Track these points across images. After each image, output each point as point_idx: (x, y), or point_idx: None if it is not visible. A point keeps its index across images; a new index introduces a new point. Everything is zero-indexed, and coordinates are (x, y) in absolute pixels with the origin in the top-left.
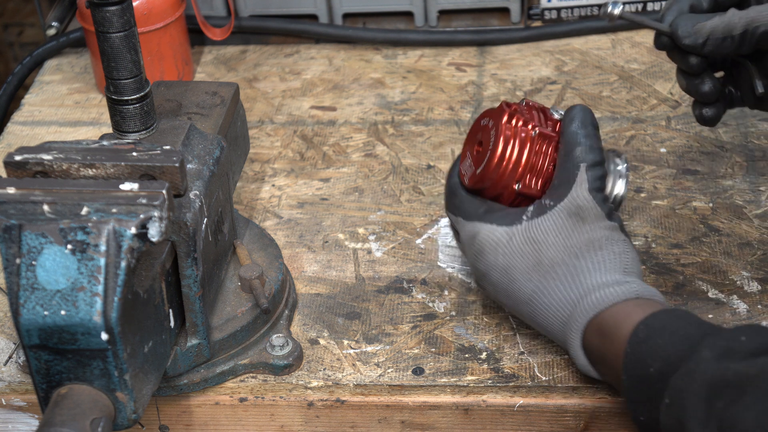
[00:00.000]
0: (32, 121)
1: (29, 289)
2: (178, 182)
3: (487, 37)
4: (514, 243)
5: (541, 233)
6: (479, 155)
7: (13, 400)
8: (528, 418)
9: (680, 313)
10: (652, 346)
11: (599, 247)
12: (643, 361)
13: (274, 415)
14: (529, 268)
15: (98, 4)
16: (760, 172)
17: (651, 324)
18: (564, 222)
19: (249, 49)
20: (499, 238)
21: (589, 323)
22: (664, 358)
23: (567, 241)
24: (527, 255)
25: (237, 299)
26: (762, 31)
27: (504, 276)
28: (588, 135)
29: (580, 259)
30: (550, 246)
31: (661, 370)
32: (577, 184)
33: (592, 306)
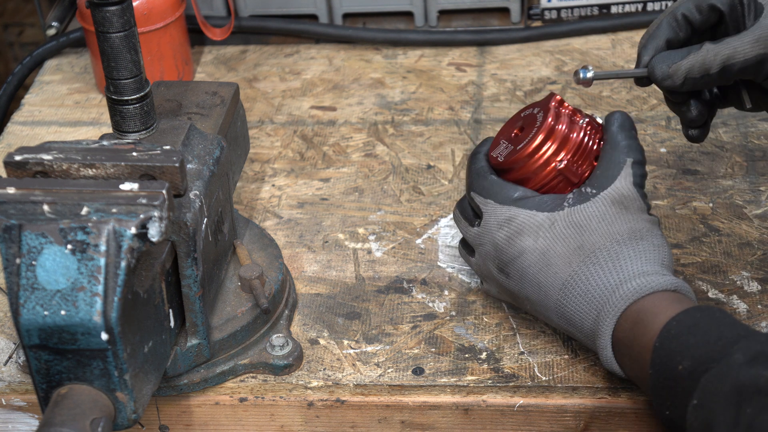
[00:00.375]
0: (32, 121)
1: (29, 289)
2: (178, 182)
3: (487, 37)
4: (557, 228)
5: (584, 218)
6: (518, 138)
7: (13, 400)
8: (528, 418)
9: (714, 312)
10: (682, 343)
11: (641, 237)
12: (672, 358)
13: (274, 415)
14: (570, 252)
15: (98, 4)
16: (760, 172)
17: (683, 320)
18: (608, 209)
19: (249, 49)
20: (540, 222)
21: (626, 310)
22: (695, 356)
23: (610, 227)
24: (569, 239)
25: (237, 299)
26: (739, 67)
27: (540, 259)
28: (632, 137)
29: (622, 246)
30: (593, 231)
31: (691, 368)
32: (622, 176)
33: (631, 292)
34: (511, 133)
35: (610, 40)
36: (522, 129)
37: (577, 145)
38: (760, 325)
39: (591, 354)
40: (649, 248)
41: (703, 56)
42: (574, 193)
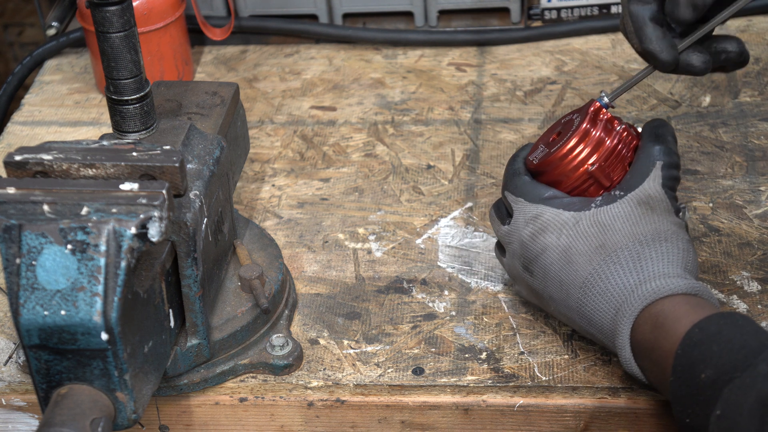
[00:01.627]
0: (32, 121)
1: (29, 289)
2: (178, 182)
3: (487, 37)
4: (581, 226)
5: (608, 218)
6: (554, 142)
7: (13, 400)
8: (528, 418)
9: (737, 319)
10: (705, 352)
11: (665, 239)
12: (694, 366)
13: (274, 415)
14: (591, 250)
15: (98, 4)
16: (760, 172)
17: (706, 328)
18: (633, 209)
19: (249, 49)
20: (565, 220)
21: (644, 311)
22: (718, 366)
23: (634, 228)
24: (591, 237)
25: (237, 299)
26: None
27: (562, 256)
28: (667, 141)
29: (645, 246)
30: (616, 231)
31: (714, 378)
32: (651, 178)
33: (650, 293)
34: (549, 137)
35: (610, 40)
36: (559, 134)
37: (610, 150)
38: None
39: (591, 354)
40: (673, 250)
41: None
42: (603, 196)
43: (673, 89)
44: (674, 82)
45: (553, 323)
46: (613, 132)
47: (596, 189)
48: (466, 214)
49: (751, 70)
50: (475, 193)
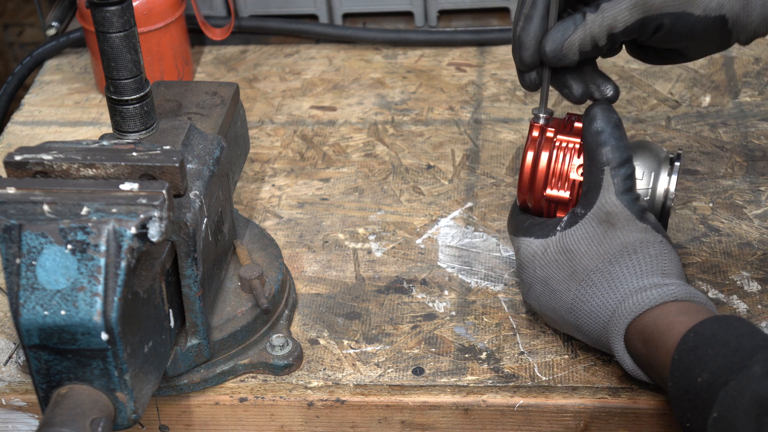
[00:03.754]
0: (32, 121)
1: (29, 289)
2: (178, 182)
3: (487, 37)
4: (549, 254)
5: (573, 242)
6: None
7: (13, 400)
8: (528, 418)
9: (732, 322)
10: (700, 356)
11: (633, 251)
12: (691, 371)
13: (274, 415)
14: (566, 278)
15: (98, 4)
16: (760, 172)
17: (700, 332)
18: (595, 229)
19: (249, 49)
20: (535, 250)
21: (630, 328)
22: (713, 369)
23: (599, 248)
24: (562, 265)
25: (237, 299)
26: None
27: (545, 287)
28: (610, 134)
29: (614, 264)
30: (583, 255)
31: (710, 381)
32: (604, 188)
33: (629, 310)
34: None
35: None
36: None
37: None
38: (760, 325)
39: (591, 354)
40: (645, 260)
41: (590, 28)
42: (568, 216)
43: (673, 89)
44: (674, 82)
45: None
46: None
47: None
48: (466, 214)
49: (751, 70)
50: (475, 193)
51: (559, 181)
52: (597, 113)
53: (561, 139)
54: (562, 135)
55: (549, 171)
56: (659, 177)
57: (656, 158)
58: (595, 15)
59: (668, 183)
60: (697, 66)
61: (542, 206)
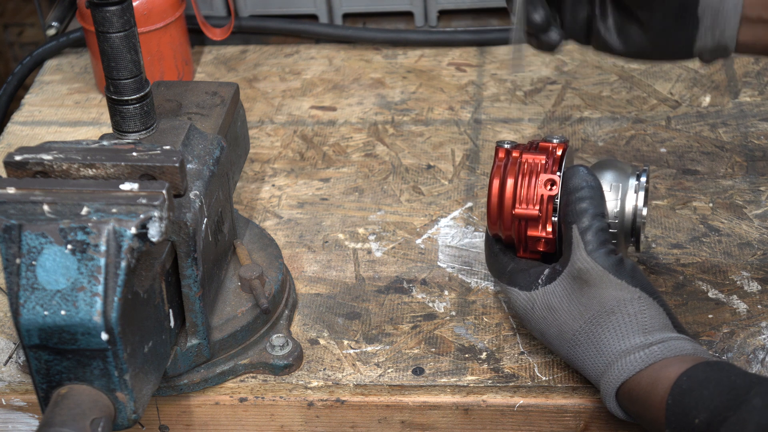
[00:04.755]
0: (32, 121)
1: (29, 289)
2: (178, 182)
3: (487, 37)
4: (536, 311)
5: (555, 300)
6: None
7: (13, 400)
8: (528, 418)
9: (722, 365)
10: (696, 398)
11: (611, 312)
12: (687, 413)
13: (274, 415)
14: (556, 336)
15: (98, 4)
16: (760, 172)
17: (693, 375)
18: (572, 287)
19: (249, 49)
20: (524, 304)
21: (619, 391)
22: (711, 409)
23: (579, 307)
24: (550, 324)
25: (237, 299)
26: None
27: (541, 338)
28: (583, 192)
29: (596, 326)
30: (565, 313)
31: (708, 420)
32: (575, 246)
33: (615, 377)
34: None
35: None
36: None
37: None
38: (760, 325)
39: None
40: (624, 320)
41: None
42: (549, 269)
43: (673, 89)
44: (674, 82)
45: None
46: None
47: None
48: (466, 214)
49: (751, 70)
50: (475, 193)
51: (526, 196)
52: (573, 172)
53: (526, 157)
54: (527, 153)
55: (516, 188)
56: (626, 195)
57: (623, 175)
58: None
59: (636, 200)
60: (697, 66)
61: (513, 229)
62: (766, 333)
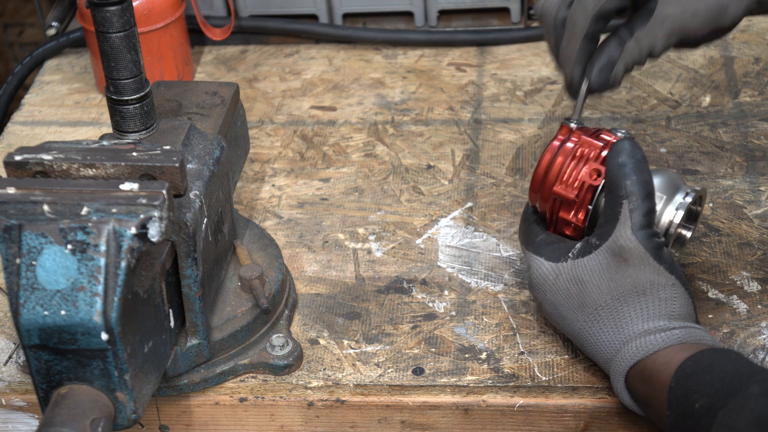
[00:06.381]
0: (32, 121)
1: (29, 289)
2: (178, 182)
3: (487, 37)
4: (560, 282)
5: (586, 273)
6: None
7: (13, 400)
8: (528, 418)
9: (729, 353)
10: (698, 382)
11: (643, 293)
12: (688, 397)
13: (274, 415)
14: (575, 308)
15: (98, 4)
16: (760, 172)
17: (698, 361)
18: (608, 263)
19: (249, 49)
20: (546, 273)
21: (631, 370)
22: (711, 394)
23: (611, 283)
24: (573, 295)
25: (237, 299)
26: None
27: (554, 311)
28: (633, 168)
29: (623, 303)
30: (594, 287)
31: (708, 405)
32: (621, 222)
33: (632, 354)
34: None
35: None
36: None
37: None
38: (760, 325)
39: None
40: (653, 303)
41: (632, 55)
42: (582, 243)
43: (673, 89)
44: (674, 82)
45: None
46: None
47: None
48: (466, 214)
49: (751, 70)
50: (475, 193)
51: (569, 178)
52: (622, 147)
53: (584, 140)
54: (586, 137)
55: (562, 168)
56: (666, 208)
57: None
58: (633, 45)
59: (673, 216)
60: (697, 66)
61: (548, 206)
62: (766, 333)
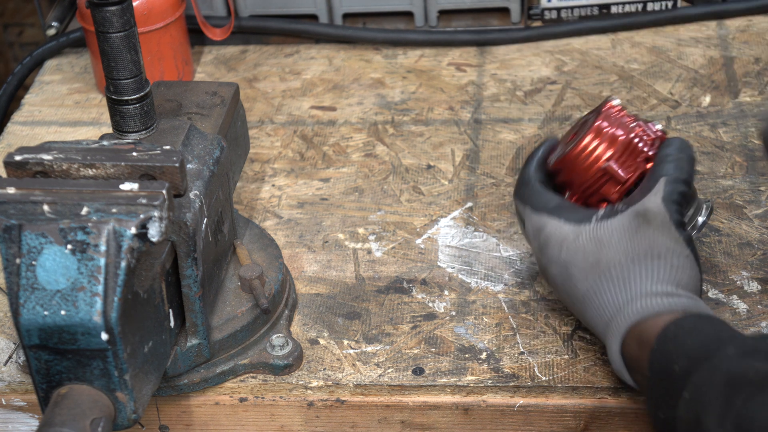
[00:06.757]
0: (32, 121)
1: (29, 289)
2: (178, 182)
3: (487, 37)
4: (580, 241)
5: (606, 233)
6: (571, 141)
7: (13, 400)
8: (528, 418)
9: (713, 319)
10: (679, 345)
11: (657, 256)
12: (668, 358)
13: (274, 415)
14: (588, 267)
15: (98, 4)
16: (760, 172)
17: (682, 324)
18: (630, 223)
19: (249, 49)
20: (566, 234)
21: (630, 330)
22: (690, 356)
23: (628, 243)
24: (589, 254)
25: (237, 299)
26: None
27: (563, 271)
28: (680, 158)
29: (635, 263)
30: (611, 246)
31: (686, 367)
32: (653, 192)
33: (634, 313)
34: (568, 137)
35: (610, 40)
36: (576, 133)
37: (625, 144)
38: (760, 325)
39: (591, 354)
40: (665, 267)
41: None
42: (606, 209)
43: (673, 89)
44: (674, 82)
45: (553, 323)
46: (627, 128)
47: (612, 186)
48: (466, 214)
49: (751, 70)
50: (475, 193)
51: (627, 159)
52: (674, 142)
53: (641, 126)
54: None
55: (622, 145)
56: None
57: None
58: None
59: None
60: (697, 66)
61: (588, 177)
62: (766, 333)
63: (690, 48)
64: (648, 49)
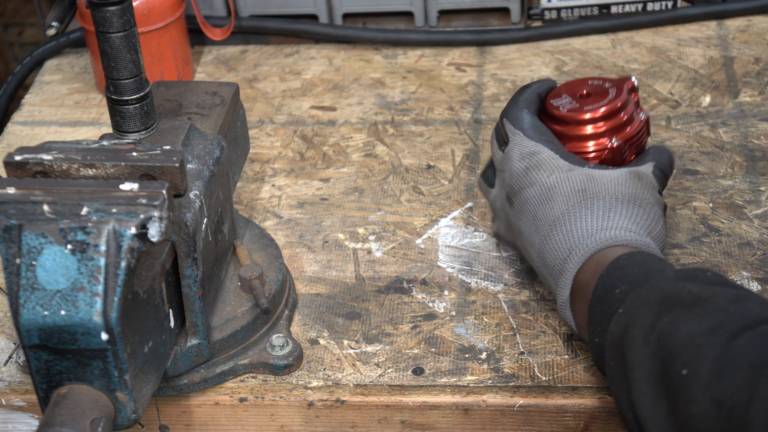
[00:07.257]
0: (32, 121)
1: (29, 289)
2: (178, 182)
3: (487, 37)
4: (573, 173)
5: (599, 174)
6: (584, 100)
7: (13, 400)
8: (528, 418)
9: (665, 261)
10: (626, 272)
11: (640, 205)
12: (612, 284)
13: (274, 415)
14: (572, 192)
15: (98, 4)
16: (760, 172)
17: (634, 257)
18: (622, 175)
19: (249, 49)
20: (560, 165)
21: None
22: (633, 281)
23: (617, 187)
24: (577, 182)
25: (237, 299)
26: None
27: (545, 193)
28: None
29: (619, 203)
30: (602, 184)
31: (627, 291)
32: (645, 165)
33: (604, 240)
34: (577, 92)
35: (610, 40)
36: (589, 95)
37: (632, 134)
38: None
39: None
40: (643, 216)
41: None
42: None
43: (673, 89)
44: (674, 82)
45: (553, 323)
46: (638, 118)
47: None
48: (466, 214)
49: (751, 70)
50: (475, 193)
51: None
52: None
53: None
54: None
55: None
56: None
57: None
58: None
59: None
60: (697, 66)
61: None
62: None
63: (690, 48)
64: (648, 49)
